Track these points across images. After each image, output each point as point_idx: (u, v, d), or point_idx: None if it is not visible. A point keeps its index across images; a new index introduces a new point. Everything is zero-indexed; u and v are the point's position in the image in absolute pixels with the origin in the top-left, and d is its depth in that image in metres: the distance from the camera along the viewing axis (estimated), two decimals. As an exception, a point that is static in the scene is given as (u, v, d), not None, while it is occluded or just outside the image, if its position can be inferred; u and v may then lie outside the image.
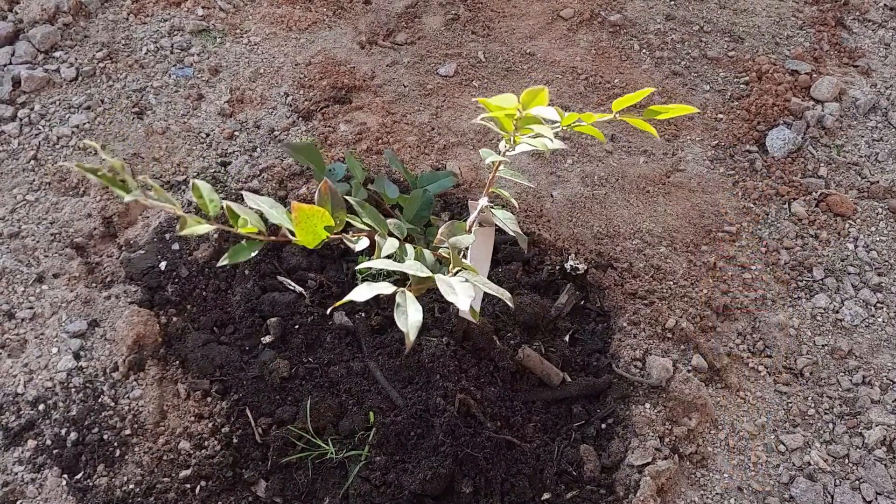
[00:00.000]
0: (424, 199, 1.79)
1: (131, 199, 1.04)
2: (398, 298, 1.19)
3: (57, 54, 2.69)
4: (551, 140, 1.25)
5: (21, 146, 2.45)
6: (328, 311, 1.31)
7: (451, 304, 1.94)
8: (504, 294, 1.31)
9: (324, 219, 1.20)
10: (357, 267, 1.31)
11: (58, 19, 2.76)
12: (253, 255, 1.18)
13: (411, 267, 1.26)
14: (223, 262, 1.16)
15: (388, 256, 1.31)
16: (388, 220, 1.42)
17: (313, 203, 1.25)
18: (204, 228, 1.11)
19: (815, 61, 2.83)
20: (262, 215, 1.21)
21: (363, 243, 1.30)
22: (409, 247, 1.38)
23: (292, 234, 1.20)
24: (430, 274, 1.25)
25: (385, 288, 1.17)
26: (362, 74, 2.71)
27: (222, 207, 1.16)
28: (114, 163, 1.07)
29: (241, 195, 1.25)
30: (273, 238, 1.20)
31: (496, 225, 1.64)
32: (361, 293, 1.15)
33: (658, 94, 2.70)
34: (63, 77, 2.63)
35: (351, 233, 1.34)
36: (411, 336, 1.15)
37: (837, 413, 1.98)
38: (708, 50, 2.87)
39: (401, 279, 1.71)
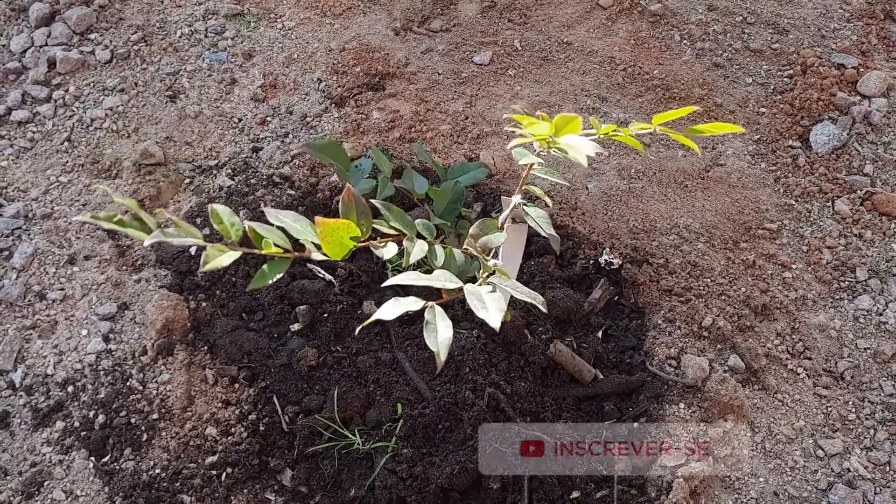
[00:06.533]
0: (455, 192, 1.75)
1: (151, 241, 0.99)
2: (427, 315, 1.15)
3: (92, 36, 2.69)
4: (585, 159, 1.21)
5: (55, 127, 2.45)
6: (359, 327, 1.26)
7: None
8: (536, 298, 1.27)
9: (349, 230, 1.16)
10: (385, 256, 1.27)
11: (94, 1, 2.76)
12: (279, 276, 1.13)
13: (439, 279, 1.22)
14: (252, 286, 1.13)
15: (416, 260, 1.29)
16: (417, 221, 1.38)
17: (344, 195, 1.22)
18: (229, 258, 1.05)
19: (863, 55, 2.73)
20: (285, 231, 1.17)
21: (391, 250, 1.26)
22: (438, 249, 1.35)
23: (317, 247, 1.17)
24: (460, 284, 1.22)
25: (413, 304, 1.14)
26: (396, 61, 2.68)
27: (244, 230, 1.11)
28: (129, 203, 1.03)
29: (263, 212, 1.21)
30: (299, 254, 1.16)
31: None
32: (389, 311, 1.12)
33: (698, 87, 2.63)
34: (98, 59, 2.63)
35: (378, 238, 1.30)
36: (442, 355, 1.11)
37: (879, 419, 1.92)
38: (751, 42, 2.79)
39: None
